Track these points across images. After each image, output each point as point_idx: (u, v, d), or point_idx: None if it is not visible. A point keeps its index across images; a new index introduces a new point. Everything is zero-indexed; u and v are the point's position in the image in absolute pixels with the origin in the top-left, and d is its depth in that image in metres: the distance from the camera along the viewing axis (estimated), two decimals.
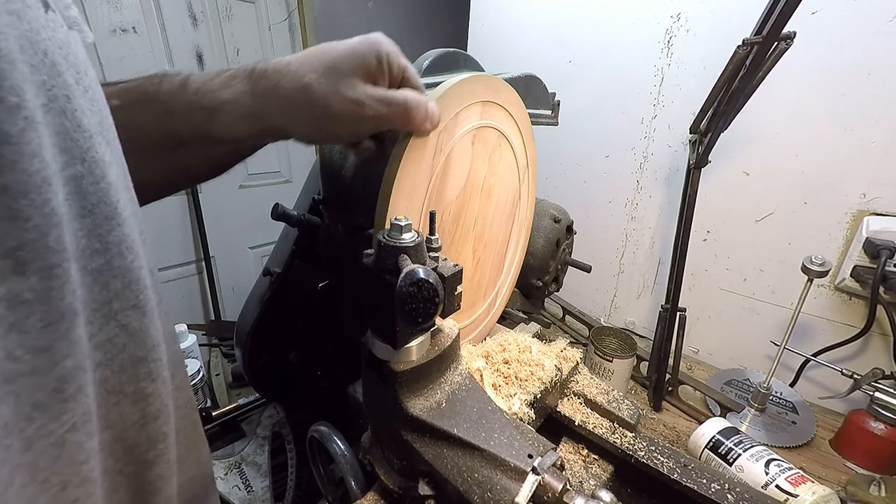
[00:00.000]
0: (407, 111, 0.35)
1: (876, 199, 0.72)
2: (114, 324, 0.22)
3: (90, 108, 0.21)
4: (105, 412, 0.22)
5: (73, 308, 0.19)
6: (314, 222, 0.58)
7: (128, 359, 0.23)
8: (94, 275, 0.21)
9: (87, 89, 0.22)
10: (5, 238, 0.16)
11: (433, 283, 0.26)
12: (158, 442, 0.25)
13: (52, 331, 0.18)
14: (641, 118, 0.97)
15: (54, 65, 0.19)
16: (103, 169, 0.21)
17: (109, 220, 0.21)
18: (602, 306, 1.16)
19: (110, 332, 0.22)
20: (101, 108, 0.23)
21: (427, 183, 0.40)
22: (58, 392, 0.18)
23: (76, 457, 0.19)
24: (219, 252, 1.58)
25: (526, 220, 0.59)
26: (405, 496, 0.35)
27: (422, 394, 0.32)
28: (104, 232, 0.21)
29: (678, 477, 0.41)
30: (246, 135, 0.35)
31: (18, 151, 0.16)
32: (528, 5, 1.08)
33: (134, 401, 0.23)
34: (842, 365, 0.74)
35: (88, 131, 0.20)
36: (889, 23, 0.66)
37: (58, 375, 0.18)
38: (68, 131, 0.19)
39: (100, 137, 0.22)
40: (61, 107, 0.19)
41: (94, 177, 0.20)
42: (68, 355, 0.19)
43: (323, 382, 0.73)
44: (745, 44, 0.52)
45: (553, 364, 0.46)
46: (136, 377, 0.23)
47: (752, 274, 0.89)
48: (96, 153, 0.21)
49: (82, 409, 0.19)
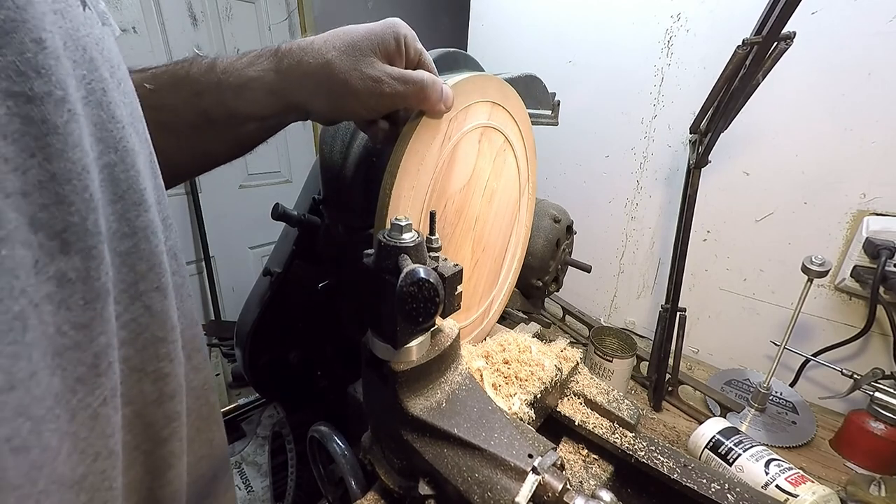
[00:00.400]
0: (423, 89, 0.36)
1: (876, 199, 0.72)
2: (139, 304, 0.23)
3: (123, 100, 0.22)
4: (127, 389, 0.23)
5: (106, 288, 0.20)
6: (314, 222, 0.58)
7: (149, 338, 0.24)
8: (123, 257, 0.22)
9: (121, 82, 0.23)
10: (53, 221, 0.17)
11: (433, 282, 0.26)
12: (172, 420, 0.26)
13: (90, 308, 0.19)
14: (641, 118, 0.97)
15: (92, 60, 0.20)
16: (133, 157, 0.22)
17: (137, 205, 0.22)
18: (602, 306, 1.16)
19: (135, 312, 0.23)
20: (131, 99, 0.24)
21: (433, 167, 0.41)
22: (94, 367, 0.19)
23: (106, 430, 0.20)
24: (219, 252, 1.58)
25: (523, 236, 0.60)
26: (405, 496, 0.35)
27: (422, 394, 0.32)
28: (132, 216, 0.22)
29: (678, 477, 0.41)
30: (270, 112, 0.37)
31: (64, 141, 0.17)
32: (528, 5, 1.08)
33: (153, 379, 0.24)
34: (842, 365, 0.74)
35: (121, 122, 0.21)
36: (889, 23, 0.66)
37: (94, 351, 0.19)
38: (104, 122, 0.20)
39: (131, 128, 0.23)
40: (98, 99, 0.20)
41: (126, 165, 0.22)
42: (102, 332, 0.20)
43: (323, 382, 0.73)
44: (745, 44, 0.52)
45: (553, 364, 0.46)
46: (155, 356, 0.24)
47: (752, 274, 0.89)
48: (127, 143, 0.22)
49: (111, 384, 0.21)
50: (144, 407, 0.24)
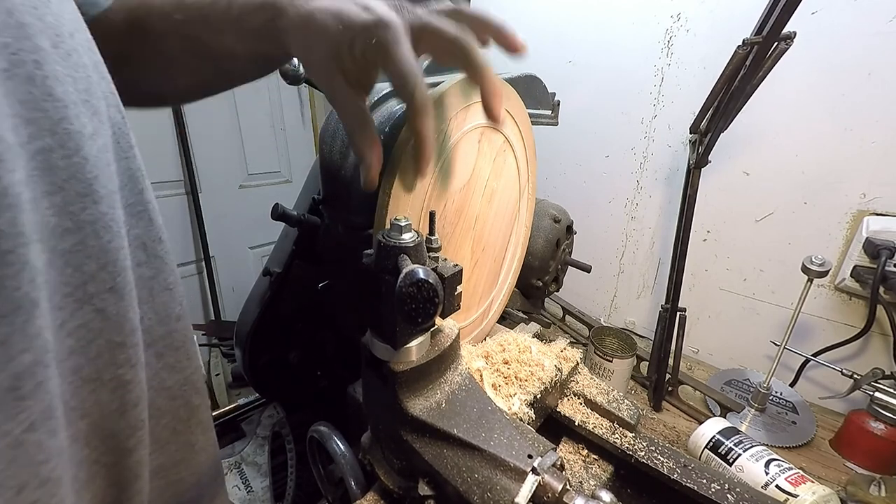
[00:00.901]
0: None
1: (876, 199, 0.72)
2: (88, 308, 0.20)
3: (72, 74, 0.19)
4: (80, 401, 0.21)
5: (30, 298, 0.17)
6: (314, 222, 0.58)
7: (104, 345, 0.21)
8: (66, 256, 0.19)
9: (70, 53, 0.20)
10: None
11: (433, 283, 0.26)
12: (138, 429, 0.24)
13: (6, 323, 0.16)
14: (641, 118, 0.97)
15: (22, 26, 0.17)
16: (78, 141, 0.19)
17: (83, 196, 0.20)
18: (602, 306, 1.16)
19: (85, 317, 0.20)
20: (88, 73, 0.21)
21: (433, 167, 0.41)
22: (14, 390, 0.17)
23: (35, 457, 0.18)
24: (219, 252, 1.58)
25: (523, 236, 0.60)
26: (405, 496, 0.35)
27: (422, 394, 0.32)
28: (76, 210, 0.19)
29: (678, 477, 0.41)
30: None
31: None
32: (528, 5, 1.08)
33: (113, 388, 0.22)
34: (842, 365, 0.74)
35: (62, 100, 0.19)
36: (889, 23, 0.66)
37: (13, 372, 0.17)
38: (36, 100, 0.18)
39: (82, 107, 0.20)
40: (28, 73, 0.17)
41: (67, 150, 0.19)
42: (25, 350, 0.17)
43: (323, 382, 0.73)
44: (745, 44, 0.52)
45: (553, 364, 0.46)
46: (113, 363, 0.22)
47: (752, 274, 0.88)
48: (71, 124, 0.19)
49: (42, 406, 0.18)
50: (103, 418, 0.22)
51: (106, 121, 0.22)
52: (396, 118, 0.46)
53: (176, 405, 0.28)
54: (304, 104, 1.62)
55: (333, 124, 0.49)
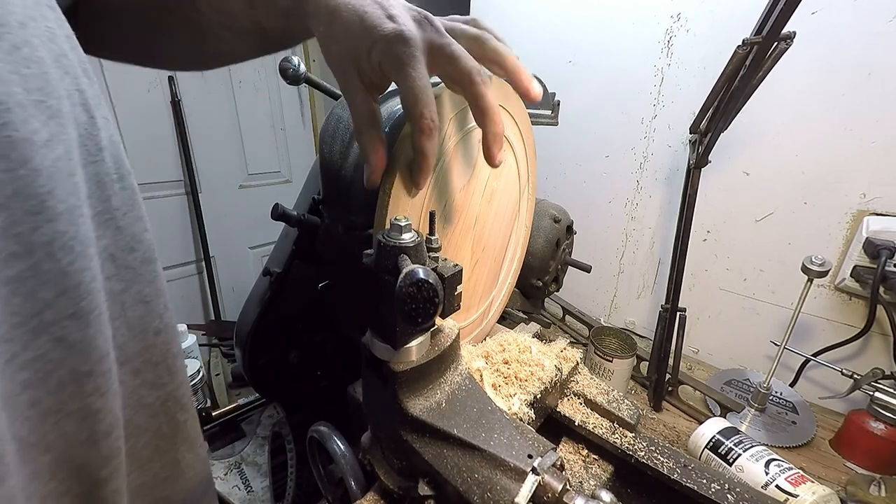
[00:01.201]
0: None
1: (876, 199, 0.72)
2: (46, 338, 0.18)
3: (19, 71, 0.17)
4: (41, 436, 0.19)
5: None
6: (314, 222, 0.58)
7: (68, 375, 0.19)
8: (13, 284, 0.17)
9: (19, 47, 0.17)
10: None
11: (433, 283, 0.26)
12: (113, 458, 0.22)
13: None
14: (641, 118, 0.97)
15: None
16: (26, 151, 0.17)
17: (33, 215, 0.17)
18: (602, 306, 1.16)
19: (41, 349, 0.18)
20: (45, 69, 0.18)
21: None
22: None
23: None
24: (219, 252, 1.58)
25: (523, 236, 0.60)
26: (405, 496, 0.35)
27: (422, 394, 0.32)
28: (25, 230, 0.17)
29: (678, 477, 0.41)
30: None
31: None
32: (528, 5, 1.08)
33: (80, 419, 0.20)
34: (842, 365, 0.74)
35: (4, 103, 0.16)
36: (889, 23, 0.66)
37: None
38: None
39: (32, 110, 0.17)
40: None
41: (10, 162, 0.16)
42: None
43: (323, 382, 0.73)
44: (745, 44, 0.52)
45: (553, 364, 0.46)
46: (80, 393, 0.20)
47: (752, 274, 0.88)
48: (16, 131, 0.16)
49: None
50: (71, 449, 0.20)
51: (70, 123, 0.19)
52: (397, 118, 0.46)
53: (157, 422, 0.27)
54: (304, 104, 1.63)
55: (333, 124, 0.49)
